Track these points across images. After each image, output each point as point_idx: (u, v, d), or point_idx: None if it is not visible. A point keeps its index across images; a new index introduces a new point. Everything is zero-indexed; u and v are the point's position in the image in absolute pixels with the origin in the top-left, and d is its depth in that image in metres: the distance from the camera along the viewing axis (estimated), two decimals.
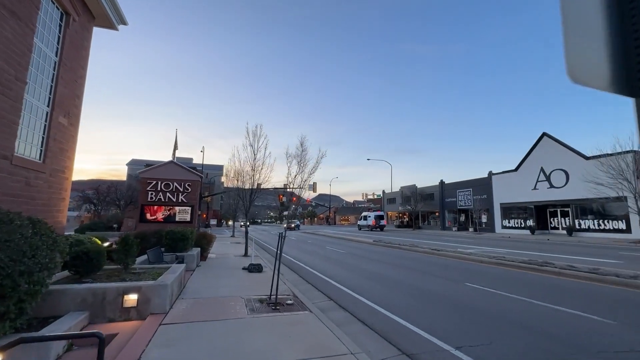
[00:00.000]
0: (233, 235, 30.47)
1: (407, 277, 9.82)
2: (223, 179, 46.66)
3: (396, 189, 53.63)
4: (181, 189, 14.11)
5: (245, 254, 15.12)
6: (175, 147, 30.84)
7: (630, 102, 0.82)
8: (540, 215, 29.70)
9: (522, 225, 30.61)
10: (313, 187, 49.55)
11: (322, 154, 7.25)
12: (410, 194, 45.14)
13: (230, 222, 63.40)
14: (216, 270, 10.58)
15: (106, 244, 13.79)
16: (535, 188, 29.37)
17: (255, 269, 10.68)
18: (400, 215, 52.34)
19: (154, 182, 13.80)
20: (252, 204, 15.48)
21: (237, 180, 15.57)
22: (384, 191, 58.43)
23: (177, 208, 13.97)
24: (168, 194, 13.91)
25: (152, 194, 13.70)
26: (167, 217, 13.78)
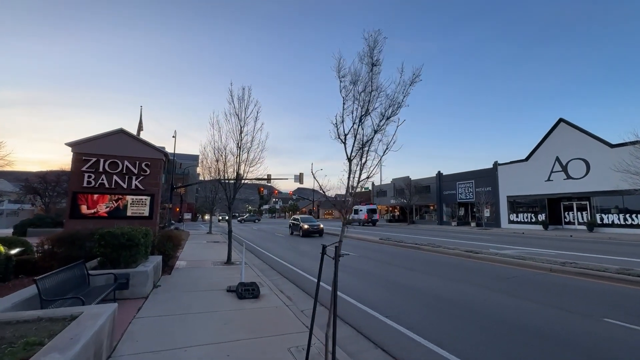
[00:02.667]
0: (210, 232, 26.08)
1: (497, 307, 6.23)
2: (199, 170, 41.64)
3: (386, 181, 50.59)
4: (135, 171, 9.84)
5: (228, 261, 11.17)
6: (140, 128, 25.88)
7: None
8: (553, 209, 27.24)
9: (533, 220, 28.08)
10: (299, 178, 45.45)
11: (416, 75, 3.15)
12: (405, 186, 42.13)
13: (207, 217, 58.10)
14: (184, 298, 6.56)
15: (14, 252, 9.43)
16: (549, 179, 26.79)
17: (249, 292, 6.75)
18: (392, 209, 49.36)
19: (94, 159, 9.46)
20: (237, 192, 11.49)
21: (217, 161, 11.47)
22: (373, 183, 55.25)
23: (128, 198, 9.70)
24: (115, 177, 9.61)
25: (90, 176, 9.36)
26: (114, 211, 9.51)
